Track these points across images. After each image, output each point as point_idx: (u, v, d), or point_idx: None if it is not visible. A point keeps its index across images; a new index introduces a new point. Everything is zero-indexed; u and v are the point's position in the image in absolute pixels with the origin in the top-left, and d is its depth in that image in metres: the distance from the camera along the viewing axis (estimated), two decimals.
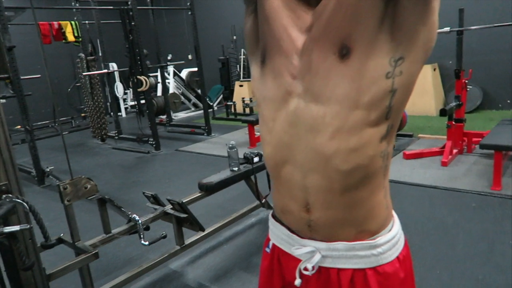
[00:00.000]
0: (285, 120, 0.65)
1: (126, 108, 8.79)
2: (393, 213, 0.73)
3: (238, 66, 7.87)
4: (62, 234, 1.83)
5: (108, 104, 7.67)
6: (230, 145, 2.49)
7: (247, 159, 2.57)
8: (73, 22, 5.36)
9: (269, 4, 0.66)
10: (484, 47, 5.09)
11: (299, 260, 0.70)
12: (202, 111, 7.77)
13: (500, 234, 2.17)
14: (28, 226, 1.25)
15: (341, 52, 0.58)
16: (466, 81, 3.52)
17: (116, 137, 5.58)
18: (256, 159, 2.57)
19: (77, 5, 5.00)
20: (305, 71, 0.62)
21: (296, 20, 0.64)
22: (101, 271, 2.14)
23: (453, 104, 3.36)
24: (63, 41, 5.33)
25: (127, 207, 3.01)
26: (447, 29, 3.37)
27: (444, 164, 3.31)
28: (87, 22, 5.66)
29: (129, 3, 4.46)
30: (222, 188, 2.40)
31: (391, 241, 0.68)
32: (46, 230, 1.32)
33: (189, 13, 5.19)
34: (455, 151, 3.50)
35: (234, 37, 7.75)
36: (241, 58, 7.77)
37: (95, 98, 5.43)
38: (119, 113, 7.26)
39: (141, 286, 2.03)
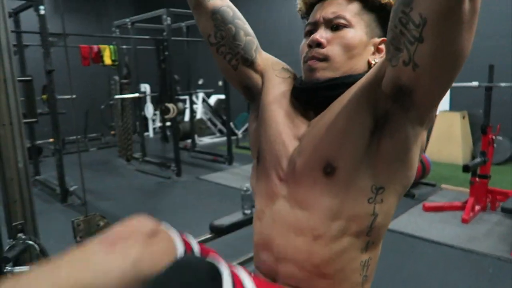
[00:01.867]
0: (270, 216, 0.71)
1: (154, 129, 9.03)
2: None
3: None
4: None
5: (137, 123, 7.93)
6: (245, 188, 2.52)
7: None
8: (111, 47, 5.64)
9: (270, 111, 0.72)
10: None
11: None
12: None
13: None
14: None
15: (325, 169, 0.62)
16: (493, 137, 3.44)
17: (141, 159, 5.73)
18: None
19: (118, 32, 5.26)
20: (291, 177, 0.67)
21: (292, 128, 0.69)
22: None
23: (478, 160, 3.29)
24: (101, 63, 5.61)
25: None
26: (475, 83, 3.34)
27: (464, 221, 3.21)
28: (124, 46, 5.92)
29: (165, 33, 4.66)
30: (233, 231, 2.42)
31: None
32: None
33: None
34: (477, 208, 3.39)
35: None
36: None
37: (125, 119, 5.64)
38: (146, 133, 7.46)
39: None
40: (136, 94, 5.44)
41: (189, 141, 6.75)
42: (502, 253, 2.67)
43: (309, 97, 0.71)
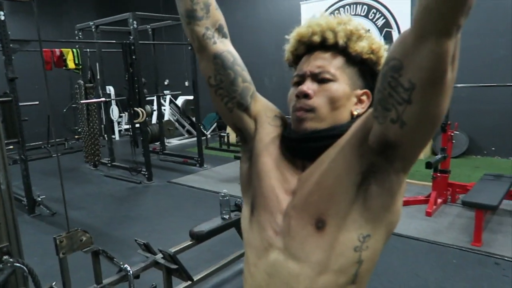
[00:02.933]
0: (264, 270, 0.75)
1: (120, 131, 8.85)
2: None
3: None
4: (54, 283, 1.87)
5: (103, 126, 7.74)
6: (222, 194, 2.57)
7: (239, 207, 2.65)
8: (74, 50, 5.49)
9: (261, 162, 0.77)
10: (473, 97, 5.29)
11: None
12: (195, 139, 7.88)
13: None
14: None
15: (317, 224, 0.68)
16: (452, 134, 3.67)
17: (109, 165, 5.63)
18: None
19: (81, 36, 5.12)
20: (285, 231, 0.72)
21: (283, 183, 0.74)
22: None
23: (439, 156, 3.50)
24: (64, 67, 5.45)
25: (116, 244, 3.07)
26: None
27: (428, 214, 3.41)
28: (88, 50, 5.77)
29: (131, 37, 4.59)
30: (213, 236, 2.46)
31: None
32: None
33: (189, 48, 5.34)
34: (439, 201, 3.61)
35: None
36: None
37: (91, 124, 5.50)
38: (112, 136, 7.31)
39: None
40: (103, 99, 5.31)
41: (157, 143, 6.68)
42: (463, 243, 2.88)
43: (298, 148, 0.76)
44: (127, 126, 9.04)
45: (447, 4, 0.50)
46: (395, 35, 5.99)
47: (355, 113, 0.76)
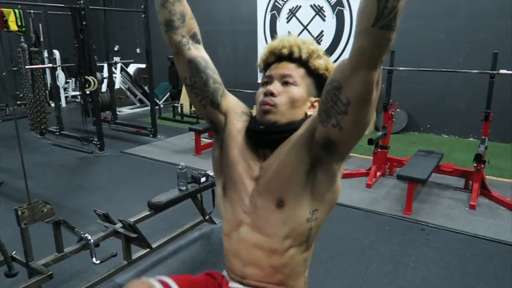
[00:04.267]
0: (237, 236, 0.94)
1: (66, 97, 8.49)
2: None
3: None
4: (14, 252, 1.92)
5: (47, 92, 7.39)
6: (180, 167, 2.68)
7: (195, 179, 2.78)
8: (16, 11, 5.14)
9: (231, 154, 0.93)
10: (413, 77, 5.70)
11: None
12: (147, 108, 7.77)
13: (405, 257, 2.60)
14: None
15: (278, 203, 0.87)
16: (393, 113, 3.99)
17: (57, 133, 5.47)
18: (203, 179, 2.78)
19: None
20: (252, 210, 0.90)
21: (249, 171, 0.92)
22: (48, 285, 2.24)
23: (380, 134, 3.81)
24: (5, 29, 5.10)
25: (71, 215, 3.10)
26: None
27: (368, 186, 3.75)
28: (32, 11, 5.43)
29: (82, 2, 4.41)
30: (170, 207, 2.59)
31: None
32: (9, 259, 1.45)
33: (143, 15, 5.21)
34: (378, 174, 3.96)
35: None
36: None
37: (36, 90, 5.28)
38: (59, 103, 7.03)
39: None
40: (50, 65, 5.09)
41: (108, 112, 6.54)
42: (396, 212, 3.24)
43: (260, 139, 0.94)
44: (75, 93, 8.70)
45: (375, 48, 0.67)
46: (347, 14, 6.20)
47: (308, 113, 0.93)
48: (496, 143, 5.16)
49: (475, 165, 3.38)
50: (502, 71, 3.29)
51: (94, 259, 2.03)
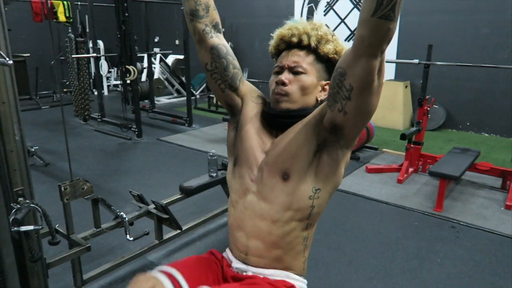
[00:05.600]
0: (243, 205, 0.99)
1: (108, 86, 8.87)
2: (304, 279, 1.07)
3: None
4: (57, 225, 2.09)
5: (91, 81, 7.75)
6: (211, 154, 2.78)
7: (225, 166, 2.87)
8: (65, 3, 5.43)
9: (245, 130, 1.00)
10: (453, 73, 5.52)
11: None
12: (184, 98, 7.98)
13: (431, 253, 2.57)
14: (41, 227, 1.51)
15: (283, 176, 0.92)
16: (428, 109, 3.90)
17: (99, 120, 5.75)
18: None
19: None
20: (259, 180, 0.96)
21: (261, 144, 0.98)
22: (86, 258, 2.41)
23: (413, 129, 3.75)
24: (54, 20, 5.41)
25: (108, 196, 3.28)
26: (416, 61, 3.73)
27: (399, 181, 3.71)
28: (79, 3, 5.72)
29: None
30: (200, 192, 2.70)
31: (299, 282, 1.03)
32: (54, 229, 1.59)
33: (181, 8, 5.34)
34: (410, 170, 3.90)
35: (223, 29, 7.90)
36: None
37: (81, 79, 5.57)
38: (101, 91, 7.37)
39: (121, 274, 2.31)
40: (94, 54, 5.35)
41: (147, 101, 6.79)
42: (426, 209, 3.19)
43: (274, 121, 1.01)
44: (116, 82, 9.07)
45: (374, 37, 0.71)
46: None
47: (320, 98, 0.99)
48: None
49: None
50: None
51: (128, 236, 2.16)
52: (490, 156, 4.43)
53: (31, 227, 1.49)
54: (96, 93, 7.14)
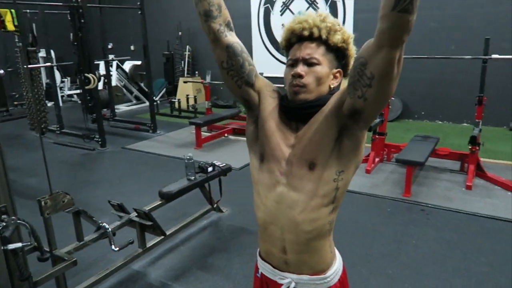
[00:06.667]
0: (273, 199, 1.02)
1: (62, 96, 8.50)
2: (336, 252, 1.12)
3: (182, 62, 7.99)
4: (30, 244, 2.00)
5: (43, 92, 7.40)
6: (188, 157, 2.77)
7: (202, 169, 2.87)
8: (13, 11, 5.16)
9: (268, 125, 1.03)
10: (407, 66, 5.77)
11: (281, 284, 1.08)
12: (143, 105, 7.84)
13: (406, 236, 2.72)
14: (30, 244, 1.45)
15: (310, 166, 0.96)
16: (389, 101, 4.09)
17: (58, 132, 5.51)
18: (210, 169, 2.87)
19: None
20: (288, 172, 0.99)
21: (285, 139, 1.01)
22: (69, 273, 2.31)
23: (377, 121, 3.92)
24: (2, 29, 5.13)
25: (81, 207, 3.16)
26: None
27: (367, 171, 3.87)
28: (28, 11, 5.46)
29: (79, 0, 4.45)
30: (180, 196, 2.68)
31: (334, 272, 1.09)
32: (42, 246, 1.53)
33: (139, 12, 5.26)
34: (377, 160, 4.08)
35: (180, 33, 7.85)
36: (185, 55, 7.90)
37: (35, 90, 5.31)
38: (51, 102, 7.05)
39: (107, 286, 2.26)
40: (49, 64, 5.13)
41: (106, 110, 6.58)
42: (396, 195, 3.36)
43: (294, 114, 1.05)
44: (70, 92, 8.72)
45: (395, 29, 0.77)
46: (340, 6, 6.29)
47: (332, 86, 1.03)
48: (490, 127, 5.30)
49: (470, 147, 3.51)
50: (494, 55, 3.40)
51: (113, 246, 2.11)
52: (447, 142, 4.71)
53: (19, 245, 1.43)
54: (49, 104, 6.85)
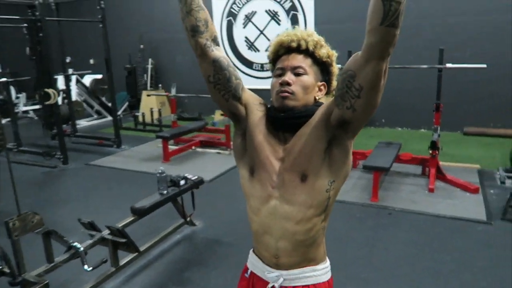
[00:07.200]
0: (266, 211, 1.04)
1: (17, 113, 8.12)
2: (326, 257, 1.16)
3: (145, 75, 7.88)
4: (0, 267, 1.90)
5: None
6: (160, 171, 2.73)
7: (174, 183, 2.84)
8: None
9: (256, 139, 1.05)
10: None
11: (268, 283, 1.09)
12: (105, 119, 7.63)
13: (377, 240, 2.81)
14: (1, 267, 1.38)
15: (301, 177, 0.99)
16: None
17: (16, 150, 5.25)
18: (182, 182, 2.85)
19: None
20: (280, 185, 1.02)
21: (274, 152, 1.04)
22: None
23: None
24: None
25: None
26: (338, 65, 4.04)
27: None
28: None
29: (37, 13, 4.31)
30: (153, 211, 2.64)
31: (324, 269, 1.11)
32: (15, 270, 1.46)
33: (100, 25, 5.16)
34: None
35: (142, 46, 7.75)
36: (148, 68, 7.80)
37: None
38: (9, 119, 6.72)
39: None
40: (4, 79, 4.91)
41: (65, 126, 6.34)
42: (364, 200, 3.46)
43: (282, 124, 1.07)
44: (26, 108, 8.35)
45: (383, 43, 0.82)
46: (301, 18, 6.47)
47: (317, 98, 1.07)
48: (445, 132, 5.58)
49: (430, 152, 3.69)
50: (448, 65, 3.62)
51: (85, 266, 2.04)
52: (407, 147, 4.92)
53: None
54: (4, 121, 6.52)
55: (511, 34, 5.31)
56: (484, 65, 3.60)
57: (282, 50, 1.11)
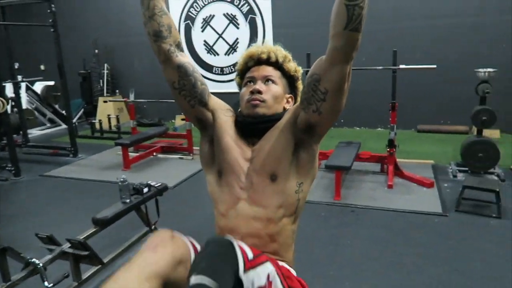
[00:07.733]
0: (235, 213, 1.05)
1: None
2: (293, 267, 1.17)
3: (101, 81, 7.63)
4: None
5: None
6: (122, 179, 2.65)
7: (138, 190, 2.76)
8: None
9: (224, 142, 1.05)
10: None
11: None
12: (59, 128, 7.31)
13: (341, 238, 2.88)
14: None
15: (271, 178, 1.00)
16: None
17: None
18: (145, 190, 2.78)
19: None
20: (249, 186, 1.02)
21: (242, 153, 1.04)
22: None
23: None
24: None
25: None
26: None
27: None
28: None
29: None
30: (116, 220, 2.55)
31: (289, 262, 1.14)
32: None
33: (52, 30, 4.94)
34: None
35: (96, 51, 7.50)
36: (104, 73, 7.56)
37: None
38: None
39: None
40: None
41: (15, 136, 6.01)
42: (328, 199, 3.54)
43: (251, 129, 1.08)
44: None
45: (347, 46, 0.85)
46: (259, 21, 6.52)
47: (286, 107, 1.10)
48: (401, 131, 5.82)
49: (388, 149, 3.84)
50: (401, 66, 3.79)
51: (46, 283, 1.94)
52: (365, 146, 5.07)
53: None
54: None
55: (458, 37, 5.65)
56: (434, 66, 3.80)
57: (251, 62, 1.13)
